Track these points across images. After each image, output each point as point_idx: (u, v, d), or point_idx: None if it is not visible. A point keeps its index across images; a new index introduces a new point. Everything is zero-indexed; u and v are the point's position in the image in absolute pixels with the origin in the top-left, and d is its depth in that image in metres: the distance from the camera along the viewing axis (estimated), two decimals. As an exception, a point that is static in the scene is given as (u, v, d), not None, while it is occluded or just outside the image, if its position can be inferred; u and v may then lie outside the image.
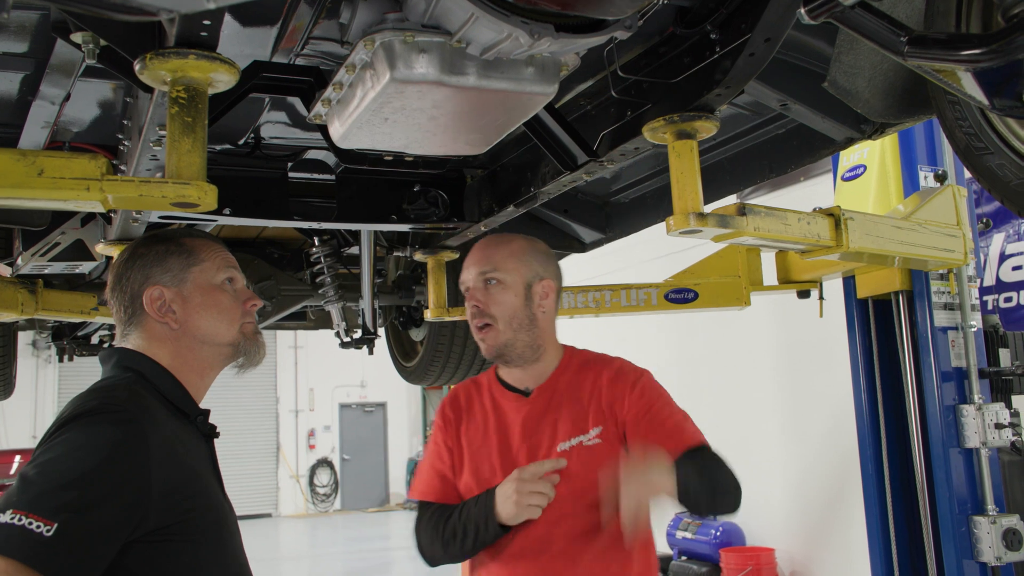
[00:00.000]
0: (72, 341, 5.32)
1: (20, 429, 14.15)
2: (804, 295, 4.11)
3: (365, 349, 4.31)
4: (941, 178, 4.14)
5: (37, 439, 1.43)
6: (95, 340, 5.38)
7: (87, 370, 10.97)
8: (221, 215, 2.58)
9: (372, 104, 1.69)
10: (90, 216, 3.11)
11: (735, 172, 2.82)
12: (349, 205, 2.81)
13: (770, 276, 4.09)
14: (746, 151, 2.77)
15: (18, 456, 9.48)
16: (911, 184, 4.18)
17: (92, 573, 1.27)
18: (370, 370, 16.31)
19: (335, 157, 2.68)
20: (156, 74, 1.62)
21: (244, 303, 1.65)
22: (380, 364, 5.76)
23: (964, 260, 3.66)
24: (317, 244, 3.81)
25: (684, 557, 7.36)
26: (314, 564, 12.28)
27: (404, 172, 2.83)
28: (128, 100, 2.25)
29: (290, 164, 2.73)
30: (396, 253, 3.72)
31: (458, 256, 3.29)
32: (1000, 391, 4.12)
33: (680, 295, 3.91)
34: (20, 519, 1.22)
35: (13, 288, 3.26)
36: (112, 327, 3.13)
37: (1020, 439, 3.98)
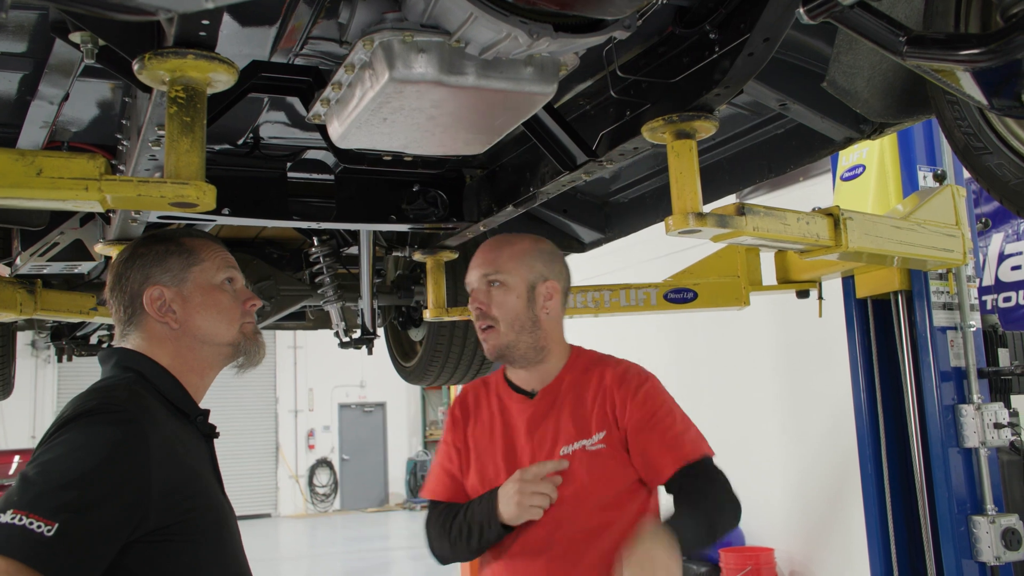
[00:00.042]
0: (71, 341, 5.32)
1: (19, 429, 14.15)
2: (803, 295, 4.11)
3: (364, 349, 4.30)
4: (940, 178, 4.14)
5: (36, 439, 1.44)
6: (94, 340, 5.38)
7: (86, 370, 10.97)
8: (220, 215, 2.58)
9: (371, 104, 1.69)
10: (89, 216, 3.11)
11: (734, 172, 2.82)
12: (348, 205, 2.81)
13: (769, 276, 4.09)
14: (745, 151, 2.77)
15: (17, 456, 9.46)
16: (910, 184, 4.17)
17: (92, 573, 1.27)
18: (369, 370, 16.33)
19: (334, 157, 2.68)
20: (155, 74, 1.62)
21: (244, 303, 1.65)
22: (379, 364, 5.75)
23: (963, 260, 3.66)
24: (316, 244, 3.80)
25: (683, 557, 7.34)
26: (313, 564, 12.28)
27: (403, 172, 2.83)
28: (127, 100, 2.24)
29: (289, 164, 2.73)
30: (395, 253, 3.72)
31: (457, 256, 3.29)
32: (999, 391, 4.12)
33: (679, 295, 3.91)
34: (21, 519, 1.22)
35: (12, 288, 3.26)
36: (111, 327, 3.12)
37: (1019, 439, 3.98)
